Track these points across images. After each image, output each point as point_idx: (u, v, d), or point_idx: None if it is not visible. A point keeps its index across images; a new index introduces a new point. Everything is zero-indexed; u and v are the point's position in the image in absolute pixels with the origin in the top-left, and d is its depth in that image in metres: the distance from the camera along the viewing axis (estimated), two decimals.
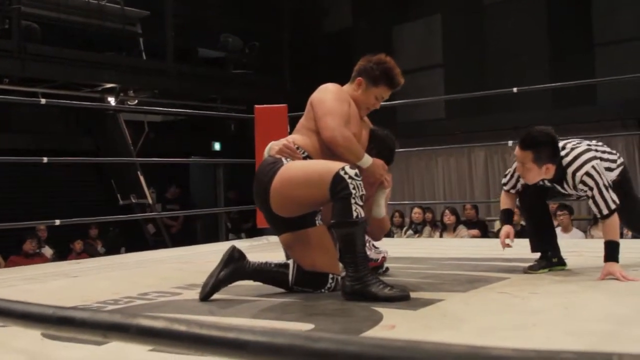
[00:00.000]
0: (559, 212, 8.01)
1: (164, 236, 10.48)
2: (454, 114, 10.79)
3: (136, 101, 9.51)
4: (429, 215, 9.31)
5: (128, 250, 9.27)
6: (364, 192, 2.87)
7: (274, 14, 10.81)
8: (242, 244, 6.33)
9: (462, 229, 8.64)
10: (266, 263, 3.12)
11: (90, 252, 9.17)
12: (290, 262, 3.13)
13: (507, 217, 3.56)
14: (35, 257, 8.28)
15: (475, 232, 8.74)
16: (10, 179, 9.80)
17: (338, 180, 2.80)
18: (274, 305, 2.88)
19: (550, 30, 10.08)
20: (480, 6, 10.80)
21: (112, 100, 9.21)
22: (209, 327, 0.90)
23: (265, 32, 10.70)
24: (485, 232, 9.03)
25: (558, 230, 8.00)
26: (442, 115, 11.04)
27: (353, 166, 2.91)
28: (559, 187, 3.36)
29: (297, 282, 3.09)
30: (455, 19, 11.05)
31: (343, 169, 2.82)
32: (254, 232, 7.60)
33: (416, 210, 9.32)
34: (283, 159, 3.06)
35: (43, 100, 5.08)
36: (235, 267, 3.04)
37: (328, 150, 3.10)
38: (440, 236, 8.64)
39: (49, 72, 7.87)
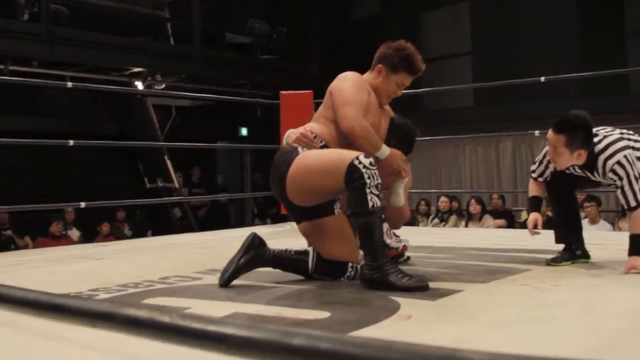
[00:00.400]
0: (586, 204, 7.93)
1: (190, 220, 10.53)
2: (481, 102, 10.70)
3: (163, 85, 9.54)
4: (455, 204, 9.25)
5: (155, 234, 9.34)
6: (379, 181, 2.85)
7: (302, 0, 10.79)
8: (265, 230, 6.36)
9: (488, 219, 8.58)
10: (286, 250, 3.11)
11: (117, 235, 9.25)
12: (310, 249, 3.13)
13: (535, 205, 3.51)
14: (62, 239, 8.38)
15: (501, 222, 8.67)
16: (37, 161, 9.91)
17: (353, 170, 2.79)
18: (291, 292, 2.87)
19: (581, 19, 9.94)
20: None
21: (139, 85, 9.25)
22: (191, 319, 0.90)
23: (293, 18, 10.67)
24: (512, 222, 8.96)
25: (585, 222, 7.94)
26: (470, 103, 10.95)
27: (367, 155, 2.88)
28: (588, 174, 3.30)
29: (317, 270, 3.09)
30: (483, 7, 10.92)
31: (357, 158, 2.81)
32: (279, 218, 7.61)
33: (442, 199, 9.26)
34: (299, 148, 3.06)
35: (70, 84, 5.11)
36: (255, 254, 3.03)
37: (346, 139, 3.09)
38: (466, 225, 8.58)
39: (77, 56, 7.92)
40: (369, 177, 2.79)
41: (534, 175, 3.56)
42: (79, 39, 7.80)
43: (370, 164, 2.81)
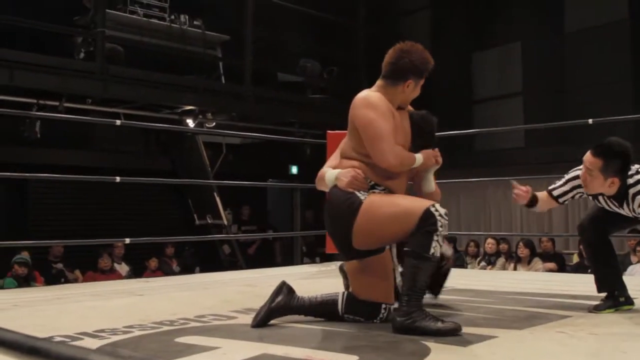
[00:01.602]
0: (639, 248, 7.74)
1: (239, 257, 10.56)
2: (533, 143, 10.56)
3: (214, 123, 9.65)
4: (504, 247, 9.11)
5: (202, 270, 9.40)
6: (447, 233, 2.92)
7: (352, 39, 10.84)
8: (310, 269, 6.37)
9: (537, 262, 8.42)
10: (315, 297, 3.13)
11: (165, 270, 9.34)
12: (340, 292, 3.12)
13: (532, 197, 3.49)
14: (110, 274, 8.48)
15: (551, 265, 8.50)
16: (90, 196, 10.09)
17: (429, 215, 2.85)
18: (323, 334, 2.86)
19: (636, 58, 9.77)
20: (561, 34, 10.58)
21: (190, 122, 9.38)
22: None
23: (343, 56, 10.74)
24: (563, 265, 8.77)
25: (638, 266, 7.75)
26: (521, 144, 10.82)
27: (442, 204, 2.94)
28: (617, 206, 3.23)
29: (348, 311, 3.09)
30: (535, 47, 10.84)
31: (434, 205, 2.88)
32: (328, 257, 7.60)
33: (489, 241, 9.14)
34: (357, 193, 3.05)
35: (118, 122, 5.24)
36: (284, 301, 3.06)
37: (385, 170, 3.10)
38: (515, 268, 8.44)
39: (130, 94, 8.07)
40: (441, 226, 2.85)
41: (550, 189, 3.50)
42: (131, 77, 7.97)
43: (445, 214, 2.88)
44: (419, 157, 3.16)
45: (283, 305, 3.06)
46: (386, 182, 3.12)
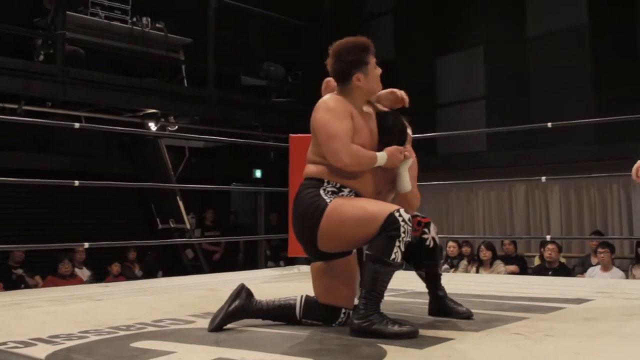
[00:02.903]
0: (600, 249, 7.83)
1: (202, 262, 10.50)
2: (495, 147, 10.66)
3: (176, 127, 9.59)
4: (467, 249, 9.17)
5: (165, 275, 9.32)
6: (409, 240, 2.88)
7: (316, 43, 10.85)
8: (272, 273, 6.35)
9: (499, 264, 8.49)
10: (272, 301, 3.12)
11: (127, 275, 9.23)
12: (298, 296, 3.12)
13: None
14: (71, 279, 8.37)
15: (513, 267, 8.58)
16: (50, 200, 9.97)
17: (392, 220, 2.83)
18: (280, 338, 2.85)
19: (596, 62, 9.89)
20: (523, 38, 10.69)
21: (152, 126, 9.31)
22: None
23: (308, 61, 10.74)
24: (525, 267, 8.85)
25: (597, 268, 7.85)
26: (482, 147, 10.91)
27: (407, 210, 2.92)
28: None
29: (307, 315, 3.08)
30: (497, 52, 10.94)
31: (398, 210, 2.85)
32: (292, 261, 7.58)
33: (450, 244, 9.21)
34: (323, 195, 3.02)
35: (77, 125, 5.17)
36: (242, 304, 3.05)
37: (350, 172, 3.07)
38: (477, 271, 8.49)
39: (90, 97, 7.98)
40: (404, 232, 2.83)
41: None
42: (92, 80, 7.88)
43: (409, 219, 2.86)
44: (382, 154, 3.10)
45: (240, 308, 3.03)
46: (352, 183, 3.09)
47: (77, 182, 5.05)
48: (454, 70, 11.53)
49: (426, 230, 3.24)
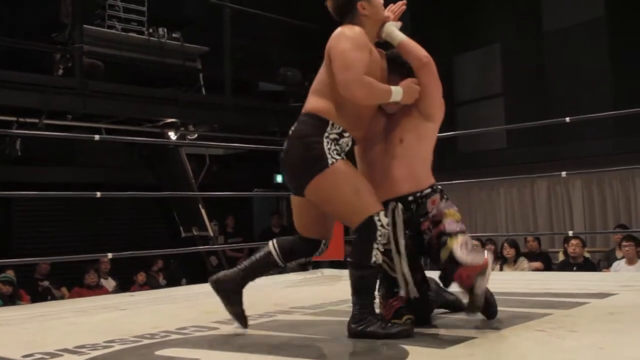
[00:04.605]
0: (624, 243, 7.75)
1: (226, 269, 10.51)
2: (515, 143, 10.60)
3: (196, 135, 9.63)
4: (490, 247, 9.11)
5: (189, 283, 9.36)
6: (386, 242, 2.88)
7: None
8: (296, 277, 6.35)
9: (523, 261, 8.43)
10: (248, 261, 3.18)
11: (152, 285, 9.29)
12: (270, 244, 3.18)
13: None
14: (96, 289, 8.44)
15: (537, 264, 8.52)
16: (75, 212, 10.06)
17: (369, 223, 2.83)
18: (303, 341, 2.86)
19: (613, 55, 9.82)
20: (539, 33, 10.63)
21: (172, 135, 9.36)
22: None
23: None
24: (549, 264, 8.79)
25: (622, 262, 7.77)
26: (503, 145, 10.86)
27: (387, 214, 2.91)
28: None
29: (287, 258, 3.16)
30: (514, 48, 10.89)
31: (378, 214, 2.84)
32: (315, 265, 7.59)
33: (475, 242, 9.14)
34: (327, 153, 2.89)
35: (97, 137, 5.21)
36: (227, 288, 3.16)
37: (356, 119, 3.00)
38: (501, 269, 8.45)
39: (110, 108, 8.04)
40: (380, 235, 2.83)
41: None
42: (111, 92, 7.94)
43: (387, 224, 2.87)
44: (397, 89, 2.98)
45: (231, 291, 3.14)
46: (352, 131, 3.02)
47: (99, 194, 5.08)
48: (471, 68, 11.49)
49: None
